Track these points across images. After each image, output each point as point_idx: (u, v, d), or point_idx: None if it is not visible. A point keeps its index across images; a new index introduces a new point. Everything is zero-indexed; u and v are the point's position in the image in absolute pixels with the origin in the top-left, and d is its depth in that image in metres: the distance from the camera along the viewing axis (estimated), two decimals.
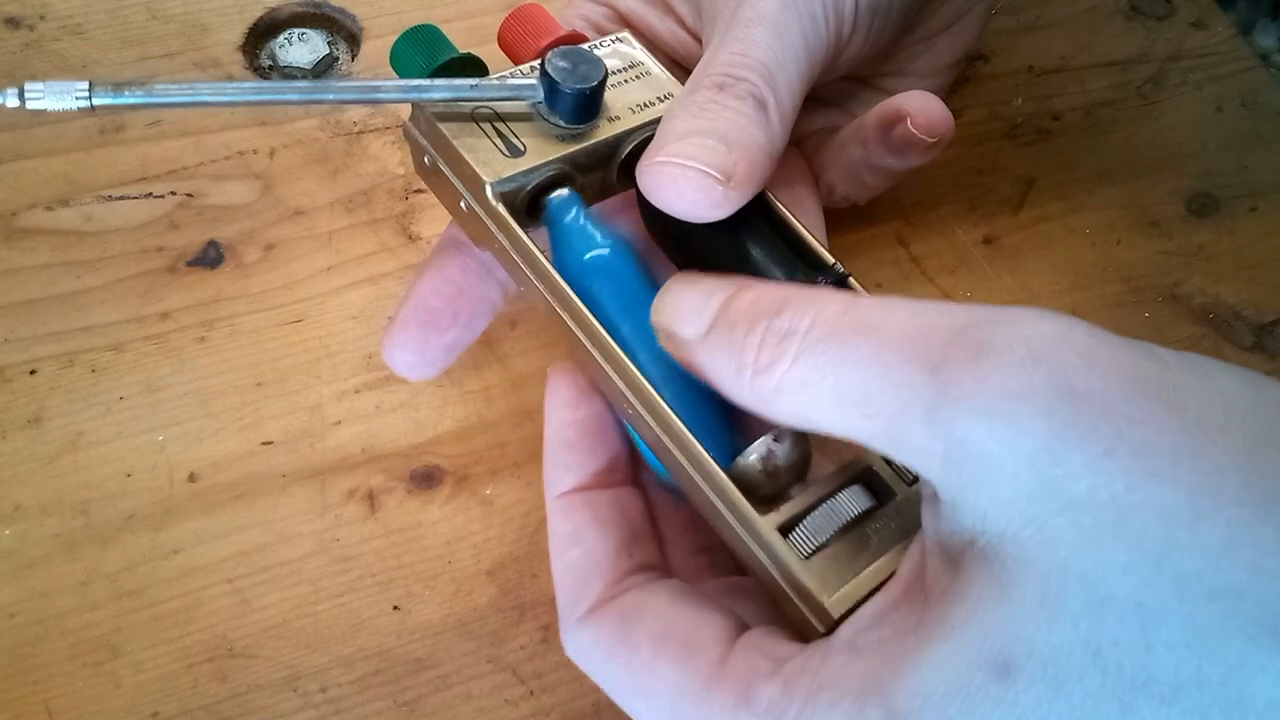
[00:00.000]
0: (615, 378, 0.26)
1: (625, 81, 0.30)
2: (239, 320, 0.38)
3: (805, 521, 0.24)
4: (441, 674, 0.33)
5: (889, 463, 0.26)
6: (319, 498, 0.35)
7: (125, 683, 0.32)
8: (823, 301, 0.22)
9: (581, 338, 0.27)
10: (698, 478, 0.25)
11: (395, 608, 0.34)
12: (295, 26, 0.45)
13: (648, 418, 0.26)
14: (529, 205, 0.29)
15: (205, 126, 0.42)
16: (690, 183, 0.26)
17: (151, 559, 0.34)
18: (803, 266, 0.28)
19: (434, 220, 0.41)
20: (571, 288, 0.27)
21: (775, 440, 0.25)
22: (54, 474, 0.35)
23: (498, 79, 0.29)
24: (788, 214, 0.29)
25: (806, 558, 0.24)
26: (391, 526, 0.35)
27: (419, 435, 0.36)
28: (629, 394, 0.26)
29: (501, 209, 0.28)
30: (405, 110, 0.31)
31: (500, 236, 0.28)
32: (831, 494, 0.25)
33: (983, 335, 0.19)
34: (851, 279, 0.28)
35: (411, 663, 0.33)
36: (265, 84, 0.26)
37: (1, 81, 0.42)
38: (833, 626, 0.23)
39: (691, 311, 0.24)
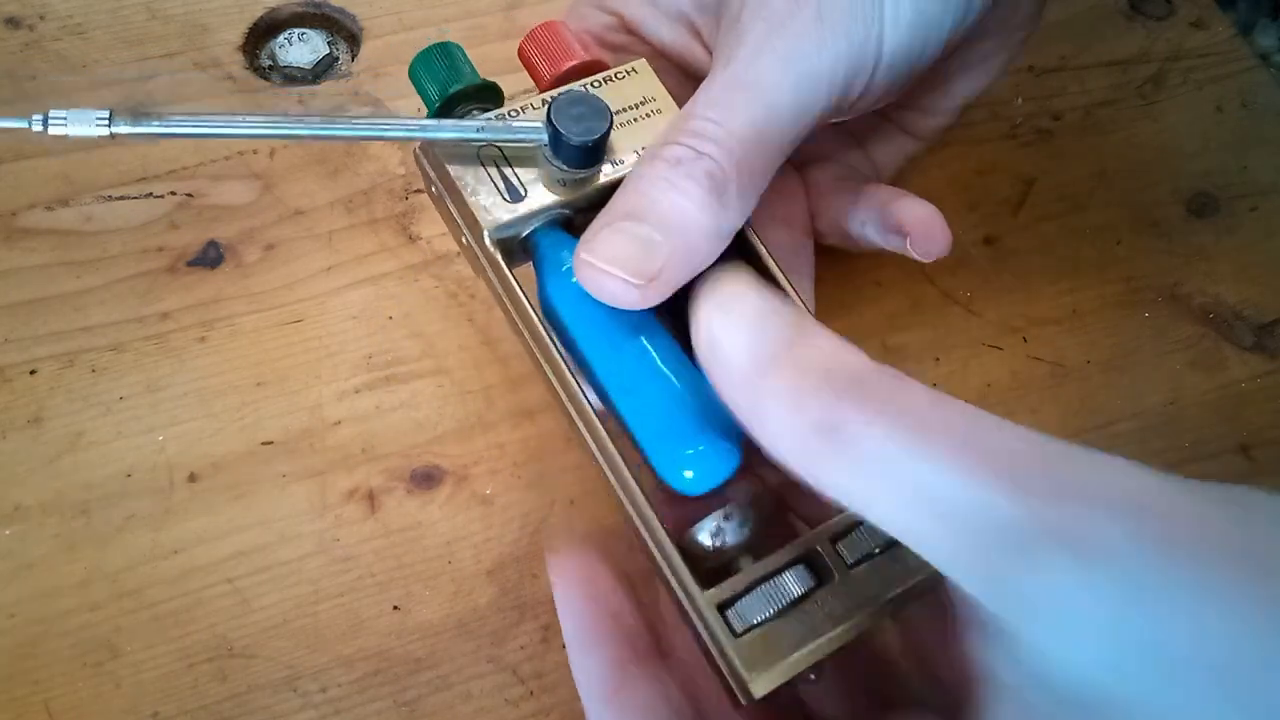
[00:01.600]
0: (581, 428, 0.27)
1: (634, 120, 0.30)
2: (239, 320, 0.38)
3: (743, 600, 0.25)
4: (441, 674, 0.33)
5: (833, 544, 0.26)
6: (319, 498, 0.35)
7: (125, 683, 0.32)
8: (907, 385, 0.21)
9: (553, 382, 0.28)
10: (649, 541, 0.26)
11: (395, 608, 0.34)
12: (295, 26, 0.45)
13: (608, 472, 0.27)
14: (525, 242, 0.30)
15: None
16: (606, 285, 0.25)
17: (151, 559, 0.34)
18: None
19: (434, 220, 0.41)
20: (553, 318, 0.28)
21: (725, 519, 0.26)
22: (54, 474, 0.35)
23: (504, 118, 0.29)
24: (770, 260, 0.29)
25: (738, 635, 0.24)
26: (391, 526, 0.35)
27: (419, 435, 0.36)
28: (590, 444, 0.27)
29: (497, 254, 0.28)
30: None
31: (492, 276, 0.29)
32: (773, 574, 0.25)
33: (1081, 478, 0.19)
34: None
35: (411, 663, 0.33)
36: (278, 117, 0.27)
37: (2, 81, 0.42)
38: (753, 702, 0.24)
39: (749, 335, 0.23)
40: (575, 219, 0.29)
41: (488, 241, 0.28)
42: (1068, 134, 0.46)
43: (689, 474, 0.26)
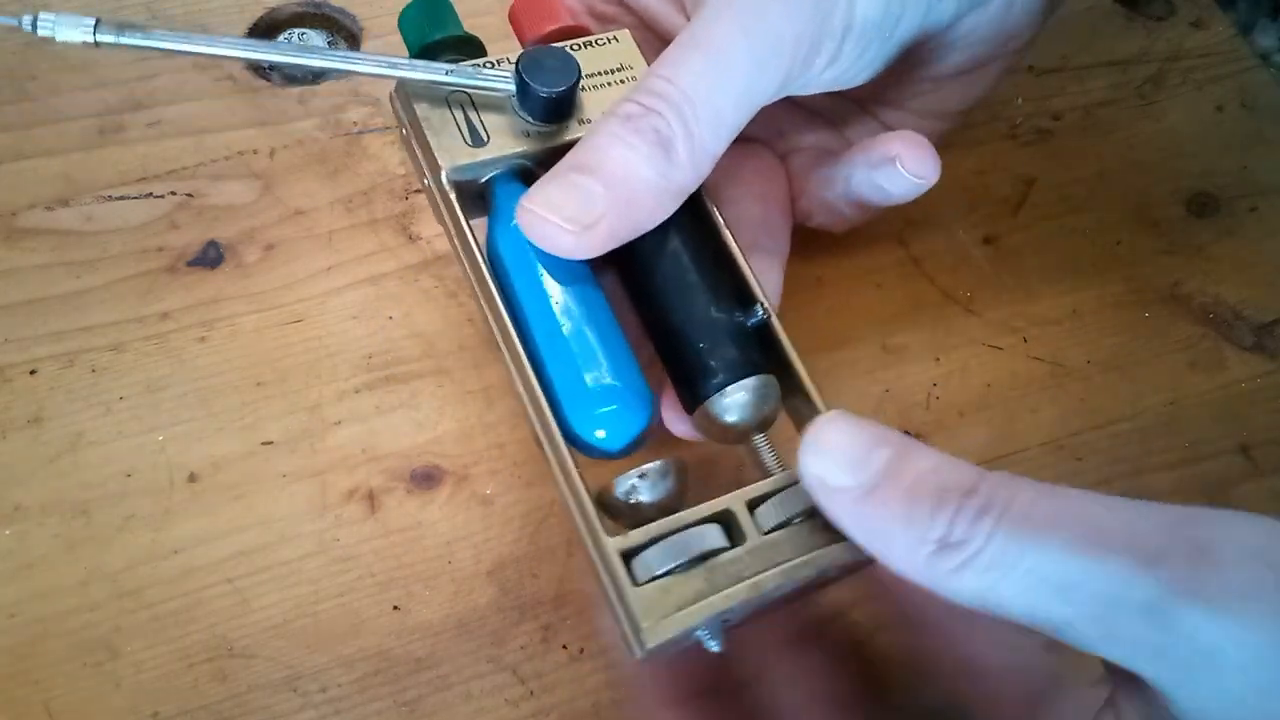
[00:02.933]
0: (512, 371, 0.28)
1: (608, 85, 0.31)
2: (239, 320, 0.38)
3: (649, 550, 0.25)
4: (441, 674, 0.33)
5: (750, 510, 0.26)
6: (319, 498, 0.35)
7: (125, 683, 0.32)
8: (1015, 485, 0.21)
9: (492, 325, 0.28)
10: (564, 486, 0.26)
11: (395, 608, 0.34)
12: (295, 26, 0.45)
13: (534, 419, 0.27)
14: (483, 189, 0.30)
15: (205, 126, 0.42)
16: (544, 230, 0.26)
17: (151, 559, 0.34)
18: (727, 297, 0.29)
19: (434, 220, 0.41)
20: (497, 266, 0.29)
21: (641, 477, 0.26)
22: (54, 474, 0.35)
23: (476, 65, 0.29)
24: (732, 242, 0.30)
25: (638, 584, 0.24)
26: (391, 526, 0.35)
27: (419, 435, 0.36)
28: (519, 389, 0.27)
29: (452, 195, 0.29)
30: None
31: (447, 218, 0.29)
32: (684, 528, 0.25)
33: (1200, 534, 0.20)
34: (775, 321, 0.29)
35: (411, 663, 0.33)
36: (254, 41, 0.28)
37: (2, 81, 0.42)
38: (648, 654, 0.24)
39: (852, 461, 0.23)
40: (537, 172, 0.29)
41: (445, 181, 0.29)
42: (1068, 134, 0.46)
43: (600, 433, 0.27)
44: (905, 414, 0.39)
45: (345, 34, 0.45)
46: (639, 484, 0.26)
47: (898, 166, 0.31)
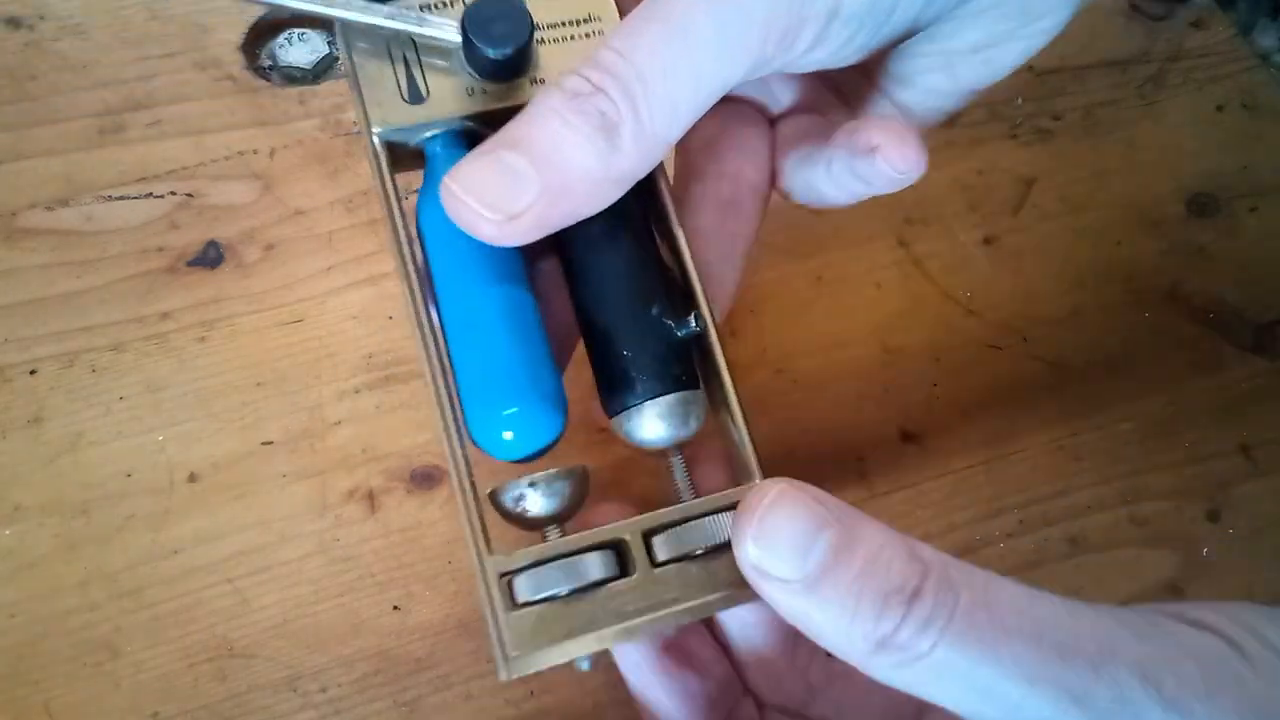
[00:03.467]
0: (420, 352, 0.25)
1: (570, 39, 0.27)
2: (239, 320, 0.38)
3: (529, 572, 0.23)
4: (441, 674, 0.33)
5: (646, 538, 0.24)
6: (319, 498, 0.35)
7: (125, 683, 0.32)
8: (958, 584, 0.21)
9: (405, 305, 0.26)
10: (456, 488, 0.25)
11: (395, 608, 0.34)
12: (295, 27, 0.45)
13: (435, 408, 0.25)
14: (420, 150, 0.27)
15: (205, 126, 0.42)
16: (465, 215, 0.24)
17: (151, 559, 0.34)
18: (662, 300, 0.26)
19: None
20: (420, 238, 0.26)
21: (530, 485, 0.25)
22: (54, 474, 0.35)
23: (423, 6, 0.26)
24: (680, 235, 0.27)
25: (512, 609, 0.23)
26: (391, 526, 0.35)
27: (419, 435, 0.36)
28: (425, 373, 0.25)
29: (380, 157, 0.26)
30: None
31: (374, 177, 0.27)
32: (571, 554, 0.24)
33: (1145, 655, 0.21)
34: (711, 333, 0.26)
35: (411, 663, 0.33)
36: None
37: (2, 81, 0.42)
38: (509, 678, 0.23)
39: (794, 550, 0.22)
40: (484, 135, 0.26)
41: (375, 141, 0.26)
42: (1068, 134, 0.46)
43: (508, 435, 0.25)
44: (905, 414, 0.39)
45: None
46: (527, 493, 0.25)
47: (877, 160, 0.28)
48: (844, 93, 0.34)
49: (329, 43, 0.45)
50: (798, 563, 0.21)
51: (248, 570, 0.34)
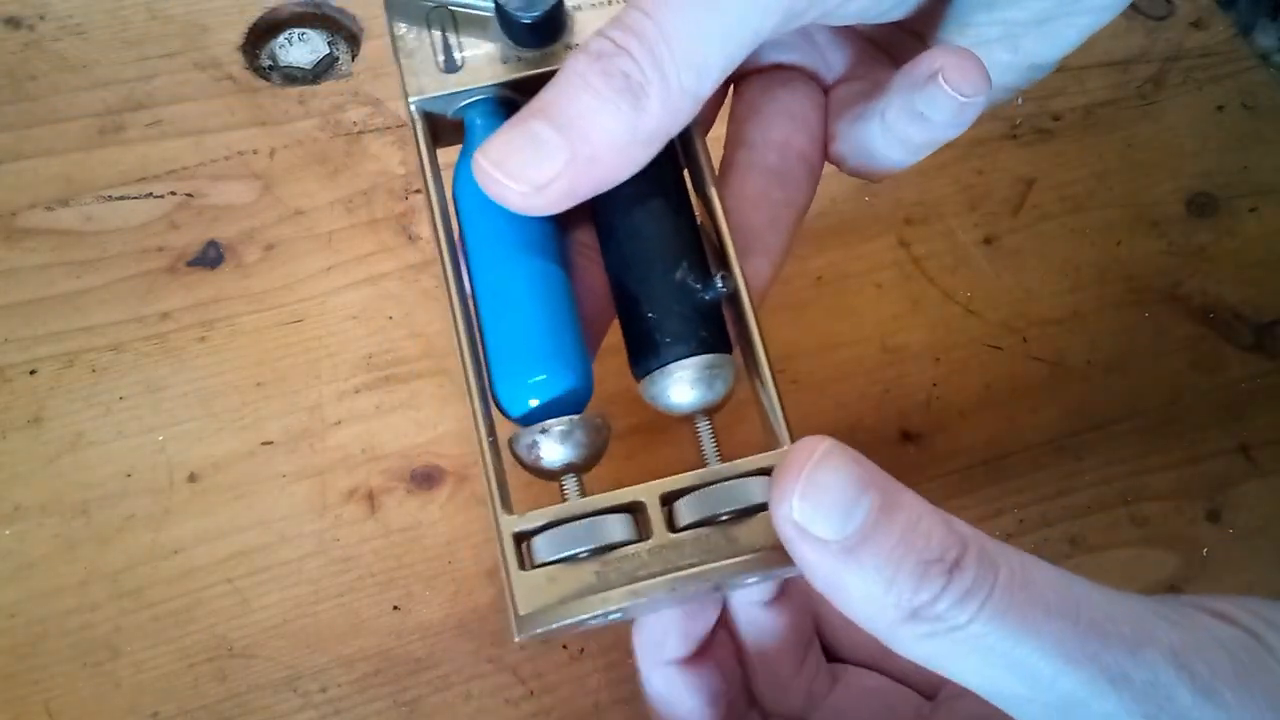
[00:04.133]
0: (451, 315, 0.25)
1: (607, 3, 0.27)
2: (239, 320, 0.38)
3: (544, 535, 0.23)
4: (441, 674, 0.33)
5: (665, 503, 0.24)
6: (319, 498, 0.35)
7: (125, 683, 0.32)
8: (996, 561, 0.21)
9: (440, 272, 0.26)
10: (480, 450, 0.25)
11: (395, 608, 0.34)
12: (295, 26, 0.45)
13: (466, 376, 0.25)
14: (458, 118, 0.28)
15: (205, 126, 0.42)
16: (495, 186, 0.24)
17: (151, 559, 0.34)
18: (691, 261, 0.26)
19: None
20: (456, 206, 0.27)
21: (543, 433, 0.24)
22: (54, 474, 0.35)
23: None
24: (716, 202, 0.27)
25: (526, 568, 0.23)
26: (391, 526, 0.35)
27: (419, 435, 0.36)
28: (455, 346, 0.25)
29: (417, 126, 0.26)
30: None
31: (415, 152, 0.27)
32: (587, 515, 0.24)
33: (1177, 641, 0.20)
34: (743, 296, 0.26)
35: (411, 663, 0.33)
36: None
37: (2, 81, 0.42)
38: (521, 638, 0.23)
39: (839, 510, 0.21)
40: (521, 103, 0.26)
41: (412, 109, 0.26)
42: (1068, 134, 0.46)
43: (534, 401, 0.25)
44: (905, 414, 0.39)
45: (345, 34, 0.45)
46: (540, 439, 0.24)
47: (940, 82, 0.27)
48: (898, 60, 0.33)
49: (329, 43, 0.45)
50: (840, 523, 0.21)
51: (248, 570, 0.34)
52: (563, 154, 0.23)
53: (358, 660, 0.33)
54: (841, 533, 0.21)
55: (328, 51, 0.45)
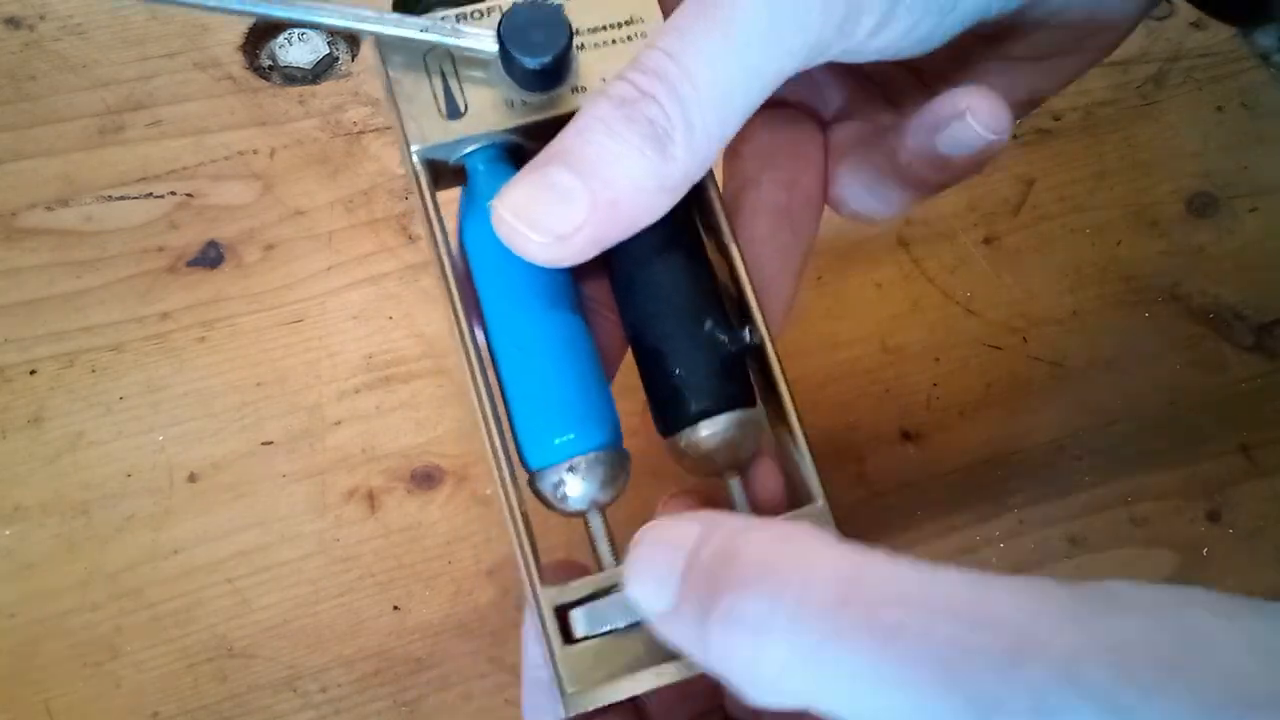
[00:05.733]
0: (465, 373, 0.24)
1: (611, 43, 0.26)
2: (239, 320, 0.38)
3: (586, 608, 0.22)
4: (441, 674, 0.33)
5: None
6: (319, 498, 0.35)
7: (125, 683, 0.32)
8: (809, 568, 0.18)
9: (452, 329, 0.25)
10: (507, 518, 0.24)
11: (395, 608, 0.34)
12: (295, 27, 0.45)
13: (486, 442, 0.24)
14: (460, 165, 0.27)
15: (205, 126, 0.42)
16: (518, 240, 0.23)
17: (151, 559, 0.34)
18: (714, 312, 0.25)
19: None
20: (465, 257, 0.26)
21: (570, 470, 0.24)
22: (54, 474, 0.35)
23: (463, 19, 0.25)
24: (735, 251, 0.26)
25: (569, 642, 0.22)
26: (391, 526, 0.35)
27: (419, 435, 0.36)
28: (475, 408, 0.24)
29: (420, 175, 0.25)
30: None
31: (415, 196, 0.26)
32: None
33: (1074, 643, 0.17)
34: (768, 347, 0.25)
35: (411, 663, 0.33)
36: None
37: (2, 81, 0.42)
38: (567, 716, 0.22)
39: (655, 581, 0.20)
40: (527, 148, 0.26)
41: (414, 159, 0.25)
42: (1068, 134, 0.46)
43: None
44: (905, 414, 0.39)
45: (345, 34, 0.45)
46: (566, 477, 0.24)
47: (969, 121, 0.26)
48: (892, 98, 0.33)
49: (329, 43, 0.45)
50: (660, 592, 0.20)
51: (248, 570, 0.34)
52: (585, 202, 0.22)
53: (358, 660, 0.33)
54: (663, 601, 0.20)
55: (327, 51, 0.45)
